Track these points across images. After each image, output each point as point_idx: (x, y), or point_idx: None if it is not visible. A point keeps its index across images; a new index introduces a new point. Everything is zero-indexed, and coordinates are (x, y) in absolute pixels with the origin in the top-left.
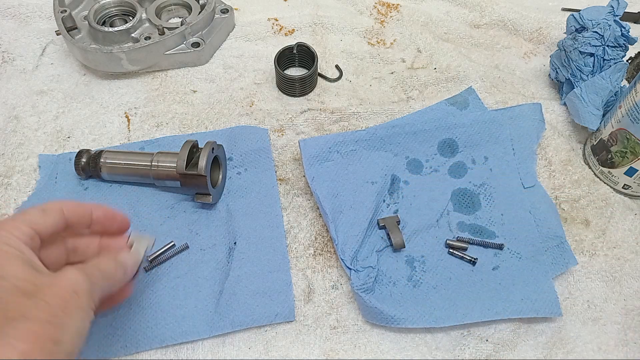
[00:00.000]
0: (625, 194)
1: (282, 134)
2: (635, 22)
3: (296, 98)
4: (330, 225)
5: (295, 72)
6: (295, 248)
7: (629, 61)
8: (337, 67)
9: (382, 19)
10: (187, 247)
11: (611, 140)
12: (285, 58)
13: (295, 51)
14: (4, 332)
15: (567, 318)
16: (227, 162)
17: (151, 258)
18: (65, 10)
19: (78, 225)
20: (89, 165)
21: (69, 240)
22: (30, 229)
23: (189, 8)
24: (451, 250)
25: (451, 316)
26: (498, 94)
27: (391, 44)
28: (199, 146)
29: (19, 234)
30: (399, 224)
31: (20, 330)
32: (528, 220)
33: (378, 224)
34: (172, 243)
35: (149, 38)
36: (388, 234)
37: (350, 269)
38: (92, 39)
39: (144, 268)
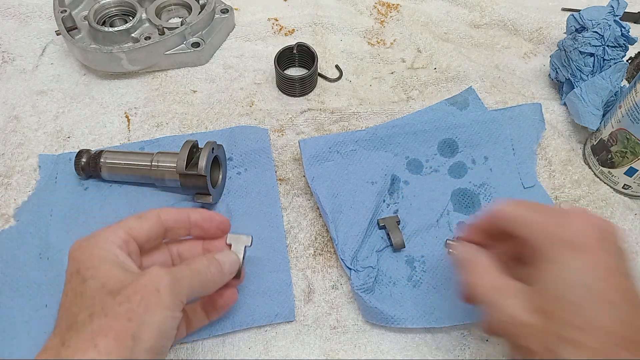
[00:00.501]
0: (625, 194)
1: (282, 134)
2: (635, 22)
3: (296, 98)
4: (330, 225)
5: (295, 72)
6: (295, 248)
7: (629, 61)
8: (337, 67)
9: (382, 19)
10: None
11: (611, 140)
12: (285, 58)
13: (295, 51)
14: (86, 327)
15: None
16: (227, 162)
17: None
18: (65, 10)
19: (177, 229)
20: (89, 165)
21: (173, 246)
22: (125, 234)
23: (189, 8)
24: (451, 250)
25: (451, 316)
26: (498, 94)
27: (391, 44)
28: (199, 146)
29: (114, 238)
30: (398, 224)
31: (99, 325)
32: None
33: (378, 224)
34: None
35: (149, 38)
36: (388, 234)
37: (350, 268)
38: (92, 39)
39: None
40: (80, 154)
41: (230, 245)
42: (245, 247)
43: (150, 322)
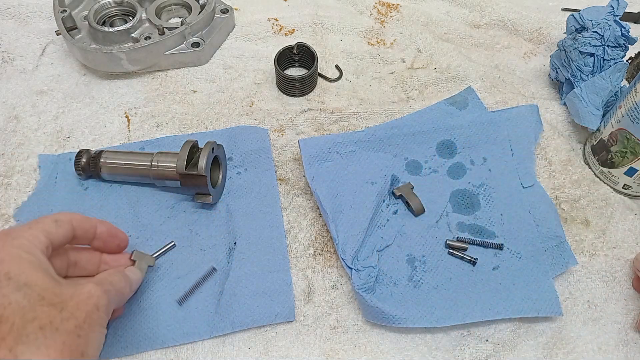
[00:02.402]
0: (625, 194)
1: (282, 134)
2: (635, 22)
3: (296, 98)
4: (330, 224)
5: (295, 72)
6: (295, 248)
7: (629, 61)
8: (337, 67)
9: (382, 19)
10: (175, 245)
11: (611, 140)
12: (285, 58)
13: (295, 51)
14: (37, 339)
15: (568, 318)
16: (227, 162)
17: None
18: (65, 10)
19: (82, 238)
20: (89, 165)
21: (71, 253)
22: (46, 239)
23: (189, 8)
24: (451, 251)
25: (452, 316)
26: (498, 94)
27: (391, 44)
28: (199, 146)
29: (38, 242)
30: (412, 189)
31: (52, 340)
32: (527, 220)
33: (394, 194)
34: (173, 243)
35: (149, 38)
36: (407, 202)
37: (351, 268)
38: (92, 39)
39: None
40: (80, 154)
41: (134, 262)
42: (148, 266)
43: (94, 338)
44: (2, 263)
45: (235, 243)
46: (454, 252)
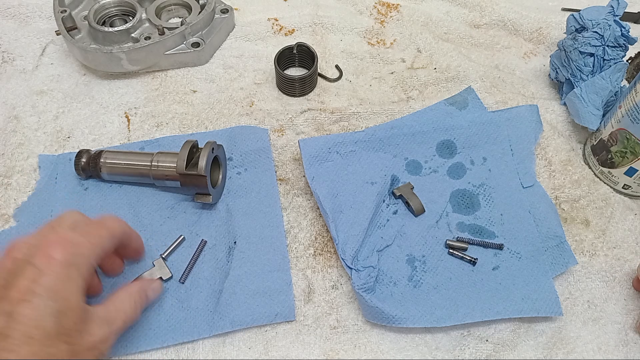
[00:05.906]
0: (625, 194)
1: (282, 134)
2: (635, 22)
3: (296, 98)
4: (330, 224)
5: (295, 72)
6: (295, 248)
7: (629, 61)
8: (337, 67)
9: (382, 19)
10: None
11: (611, 140)
12: (285, 58)
13: (295, 51)
14: None
15: (568, 318)
16: (227, 162)
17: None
18: (65, 10)
19: (119, 247)
20: (89, 165)
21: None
22: (99, 257)
23: (189, 8)
24: (451, 251)
25: (452, 316)
26: (498, 94)
27: (391, 44)
28: (199, 146)
29: (93, 260)
30: (412, 189)
31: None
32: (527, 220)
33: (394, 194)
34: (182, 237)
35: (149, 38)
36: (407, 202)
37: (351, 268)
38: (92, 39)
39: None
40: (80, 154)
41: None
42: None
43: None
44: (56, 278)
45: (235, 242)
46: (454, 252)
